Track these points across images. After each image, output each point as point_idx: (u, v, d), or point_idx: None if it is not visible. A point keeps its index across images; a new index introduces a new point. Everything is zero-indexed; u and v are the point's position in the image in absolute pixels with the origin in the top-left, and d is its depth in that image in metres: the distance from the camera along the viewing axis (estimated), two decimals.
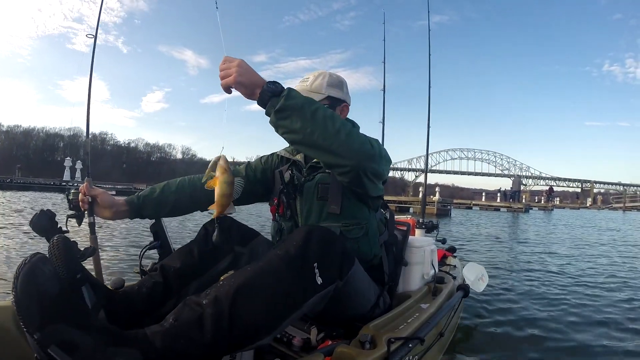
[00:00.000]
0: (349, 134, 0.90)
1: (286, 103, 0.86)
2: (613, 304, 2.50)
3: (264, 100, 0.87)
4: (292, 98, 0.87)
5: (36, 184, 19.68)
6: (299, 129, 0.87)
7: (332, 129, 0.88)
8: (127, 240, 4.50)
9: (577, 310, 2.33)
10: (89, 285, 0.87)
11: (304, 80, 1.22)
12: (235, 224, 1.19)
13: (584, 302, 2.52)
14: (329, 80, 1.21)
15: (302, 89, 1.18)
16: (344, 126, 0.90)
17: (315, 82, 1.20)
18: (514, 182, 21.92)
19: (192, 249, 1.11)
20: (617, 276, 3.46)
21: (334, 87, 1.21)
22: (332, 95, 1.20)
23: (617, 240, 6.95)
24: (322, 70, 1.24)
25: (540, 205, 24.24)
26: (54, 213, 1.02)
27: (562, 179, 53.84)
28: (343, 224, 1.11)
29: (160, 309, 0.99)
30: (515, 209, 18.59)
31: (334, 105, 1.21)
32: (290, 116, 0.86)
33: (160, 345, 0.69)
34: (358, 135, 0.93)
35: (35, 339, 0.61)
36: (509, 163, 57.84)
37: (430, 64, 4.40)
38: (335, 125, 0.88)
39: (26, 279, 0.63)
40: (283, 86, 0.89)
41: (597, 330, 1.99)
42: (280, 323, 0.81)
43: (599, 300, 2.58)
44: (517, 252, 4.99)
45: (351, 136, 0.90)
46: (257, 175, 1.32)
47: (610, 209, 31.68)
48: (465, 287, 1.57)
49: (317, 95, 1.17)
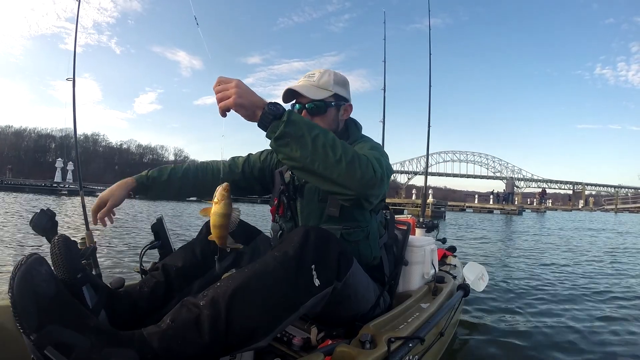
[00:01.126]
0: (351, 162, 0.85)
1: (286, 130, 0.81)
2: (613, 303, 2.51)
3: (265, 124, 0.83)
4: (292, 124, 0.82)
5: (27, 185, 19.26)
6: (298, 157, 0.83)
7: (332, 158, 0.83)
8: (127, 240, 4.50)
9: (577, 310, 2.34)
10: (90, 285, 0.87)
11: (310, 76, 1.19)
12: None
13: (584, 302, 2.53)
14: (335, 78, 1.18)
15: (308, 84, 1.16)
16: (345, 154, 0.85)
17: (323, 79, 1.17)
18: (508, 184, 22.17)
19: (194, 248, 1.10)
20: (617, 277, 3.46)
21: (340, 85, 1.19)
22: (338, 93, 1.18)
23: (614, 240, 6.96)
24: (326, 68, 1.21)
25: (532, 207, 24.43)
26: (54, 213, 1.02)
27: (553, 181, 54.00)
28: (344, 226, 1.10)
29: (162, 308, 0.99)
30: (508, 211, 18.70)
31: (339, 104, 1.19)
32: (290, 144, 0.82)
33: (157, 346, 0.69)
34: (360, 162, 0.86)
35: (32, 340, 0.61)
36: (501, 165, 58.06)
37: (430, 64, 4.38)
38: (337, 153, 0.84)
39: (22, 280, 0.62)
40: (284, 107, 0.85)
41: (597, 329, 1.99)
42: (278, 325, 0.80)
43: (599, 300, 2.58)
44: (516, 253, 5.00)
45: (353, 164, 0.85)
46: (255, 172, 1.31)
47: (602, 210, 32.03)
48: (466, 287, 1.57)
49: (325, 91, 1.15)
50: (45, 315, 0.63)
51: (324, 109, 1.15)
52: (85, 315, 0.69)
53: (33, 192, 17.16)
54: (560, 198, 47.20)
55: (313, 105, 1.14)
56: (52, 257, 0.79)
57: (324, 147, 0.83)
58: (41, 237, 1.00)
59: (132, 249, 3.81)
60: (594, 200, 39.98)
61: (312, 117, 1.15)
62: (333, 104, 1.17)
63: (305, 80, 1.19)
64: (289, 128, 0.82)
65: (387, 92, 4.51)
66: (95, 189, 17.15)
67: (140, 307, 0.97)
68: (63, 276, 0.78)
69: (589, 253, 5.07)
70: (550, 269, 3.70)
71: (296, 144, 0.82)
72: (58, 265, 0.78)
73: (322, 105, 1.15)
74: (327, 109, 1.16)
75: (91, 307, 0.84)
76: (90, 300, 0.84)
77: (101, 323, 0.71)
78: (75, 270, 0.80)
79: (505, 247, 5.66)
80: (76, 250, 0.85)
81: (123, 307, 0.94)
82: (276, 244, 0.92)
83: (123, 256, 3.46)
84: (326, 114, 1.16)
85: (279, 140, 0.82)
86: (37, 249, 3.34)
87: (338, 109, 1.19)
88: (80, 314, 0.68)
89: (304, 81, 1.18)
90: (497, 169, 57.89)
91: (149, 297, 0.99)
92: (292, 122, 0.83)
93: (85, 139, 47.89)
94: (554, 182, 53.73)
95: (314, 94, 1.14)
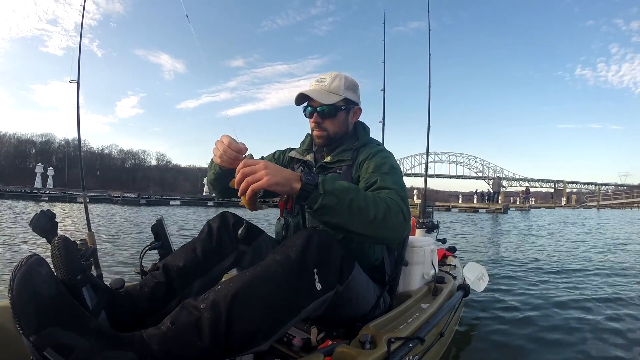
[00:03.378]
0: (384, 218, 0.89)
1: (324, 202, 0.85)
2: (612, 303, 2.50)
3: (305, 197, 0.85)
4: (328, 195, 0.85)
5: (7, 191, 18.75)
6: (336, 223, 0.88)
7: (367, 219, 0.88)
8: (127, 240, 4.50)
9: (577, 310, 2.33)
10: (90, 286, 0.86)
11: (321, 80, 1.23)
12: (239, 221, 1.18)
13: (584, 301, 2.52)
14: (345, 82, 1.22)
15: (320, 89, 1.21)
16: (377, 210, 0.89)
17: (334, 84, 1.21)
18: (494, 184, 22.32)
19: (196, 247, 1.10)
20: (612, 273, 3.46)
21: (350, 90, 1.23)
22: (348, 98, 1.22)
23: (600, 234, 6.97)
24: (337, 72, 1.25)
25: (517, 205, 24.74)
26: (54, 214, 1.02)
27: (535, 180, 54.21)
28: None
29: (162, 309, 0.98)
30: (494, 210, 19.00)
31: (348, 108, 1.23)
32: (328, 213, 0.86)
33: (156, 349, 0.69)
34: (390, 214, 0.91)
35: (31, 341, 0.61)
36: (483, 165, 58.22)
37: (430, 64, 4.41)
38: (370, 213, 0.88)
39: (22, 281, 0.62)
40: (315, 174, 0.88)
41: (598, 329, 1.99)
42: (279, 329, 0.80)
43: (599, 300, 2.58)
44: (511, 251, 5.01)
45: (386, 220, 0.90)
46: None
47: (585, 207, 32.47)
48: (466, 287, 1.57)
49: (335, 96, 1.19)
50: (45, 317, 0.63)
51: (334, 112, 1.21)
52: (85, 317, 0.69)
53: (12, 199, 16.65)
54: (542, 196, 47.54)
55: (324, 109, 1.19)
56: (52, 258, 0.79)
57: (359, 210, 0.87)
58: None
59: (133, 249, 3.81)
60: (576, 198, 40.56)
61: (323, 119, 1.21)
62: (343, 107, 1.21)
63: (316, 84, 1.23)
64: (326, 200, 0.85)
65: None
66: (76, 195, 16.53)
67: (141, 307, 0.97)
68: (63, 277, 0.78)
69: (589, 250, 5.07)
70: (550, 269, 3.70)
71: (334, 212, 0.86)
72: (58, 267, 0.78)
73: (332, 109, 1.20)
74: (337, 112, 1.21)
75: (91, 308, 0.83)
76: (90, 301, 0.84)
77: (101, 325, 0.71)
78: (75, 271, 0.80)
79: (501, 245, 5.67)
80: (76, 252, 0.85)
81: (123, 308, 0.93)
82: (279, 246, 0.92)
83: (123, 256, 3.46)
84: (336, 117, 1.22)
85: (317, 212, 0.86)
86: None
87: (348, 113, 1.24)
88: (80, 316, 0.68)
89: (316, 85, 1.23)
90: (479, 169, 58.14)
91: (149, 297, 0.99)
92: (328, 193, 0.85)
93: (66, 144, 46.36)
94: (535, 180, 53.99)
95: (325, 98, 1.18)
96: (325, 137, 1.22)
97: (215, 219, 1.16)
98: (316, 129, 1.22)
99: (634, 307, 2.42)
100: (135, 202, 17.94)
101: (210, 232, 1.12)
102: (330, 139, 1.23)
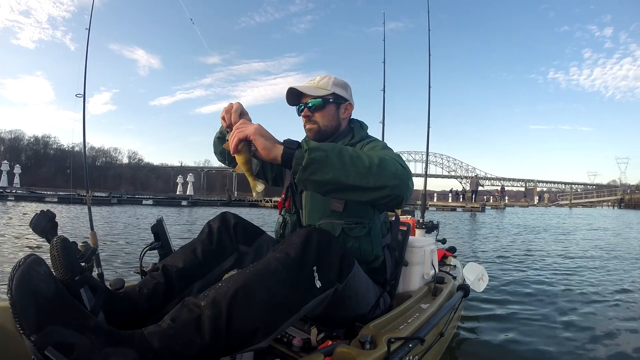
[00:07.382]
0: (380, 164, 0.88)
1: (311, 156, 0.82)
2: (612, 302, 2.50)
3: (290, 156, 0.84)
4: (314, 150, 0.83)
5: None
6: (331, 178, 0.84)
7: (363, 166, 0.86)
8: (127, 240, 4.50)
9: (578, 310, 2.33)
10: (88, 287, 0.86)
11: (311, 80, 1.27)
12: (240, 222, 1.19)
13: (584, 301, 2.52)
14: (334, 80, 1.25)
15: (308, 85, 1.24)
16: (372, 158, 0.88)
17: (322, 81, 1.24)
18: (472, 183, 22.42)
19: (196, 248, 1.10)
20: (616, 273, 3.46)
21: (339, 87, 1.25)
22: (337, 93, 1.23)
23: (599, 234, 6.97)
24: (328, 74, 1.28)
25: (492, 204, 25.02)
26: (53, 214, 1.02)
27: (506, 179, 54.34)
28: (345, 222, 1.11)
29: (161, 309, 0.98)
30: (472, 209, 19.11)
31: (338, 102, 1.24)
32: (319, 169, 0.83)
33: (157, 346, 0.69)
34: (387, 162, 0.90)
35: (32, 340, 0.61)
36: (455, 165, 58.20)
37: (430, 64, 4.38)
38: (364, 160, 0.86)
39: (21, 281, 0.62)
40: (296, 140, 0.88)
41: (598, 329, 1.99)
42: (279, 326, 0.81)
43: (600, 299, 2.58)
44: (504, 250, 5.00)
45: (382, 165, 0.88)
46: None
47: (557, 205, 33.79)
48: (466, 287, 1.57)
49: (323, 90, 1.22)
50: (45, 316, 0.62)
51: (322, 105, 1.22)
52: (85, 315, 0.69)
53: None
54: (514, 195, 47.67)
55: (312, 102, 1.21)
56: (51, 259, 0.79)
57: (351, 159, 0.86)
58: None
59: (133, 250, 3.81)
60: (549, 197, 41.31)
61: (313, 113, 1.22)
62: (331, 100, 1.23)
63: (306, 83, 1.27)
64: (313, 154, 0.83)
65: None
66: (44, 194, 15.93)
67: (140, 308, 0.97)
68: (61, 277, 0.78)
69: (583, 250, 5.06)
70: (549, 268, 3.69)
71: (325, 167, 0.84)
72: (56, 267, 0.78)
73: (320, 101, 1.21)
74: (325, 105, 1.22)
75: (89, 309, 0.83)
76: (88, 303, 0.84)
77: (101, 323, 0.71)
78: (73, 272, 0.79)
79: (492, 244, 5.65)
80: (75, 252, 0.85)
81: (122, 309, 0.93)
82: (278, 244, 0.92)
83: (123, 257, 3.46)
84: (325, 109, 1.23)
85: (307, 169, 0.83)
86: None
87: (337, 107, 1.25)
88: (80, 314, 0.68)
89: (305, 83, 1.27)
90: (452, 168, 58.19)
91: (148, 298, 0.99)
92: (313, 147, 0.84)
93: (36, 142, 45.76)
94: (506, 179, 54.09)
95: (314, 92, 1.22)
96: (316, 131, 1.23)
97: (216, 220, 1.16)
98: (307, 123, 1.24)
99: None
100: (107, 201, 17.04)
101: (211, 233, 1.12)
102: (322, 132, 1.23)
